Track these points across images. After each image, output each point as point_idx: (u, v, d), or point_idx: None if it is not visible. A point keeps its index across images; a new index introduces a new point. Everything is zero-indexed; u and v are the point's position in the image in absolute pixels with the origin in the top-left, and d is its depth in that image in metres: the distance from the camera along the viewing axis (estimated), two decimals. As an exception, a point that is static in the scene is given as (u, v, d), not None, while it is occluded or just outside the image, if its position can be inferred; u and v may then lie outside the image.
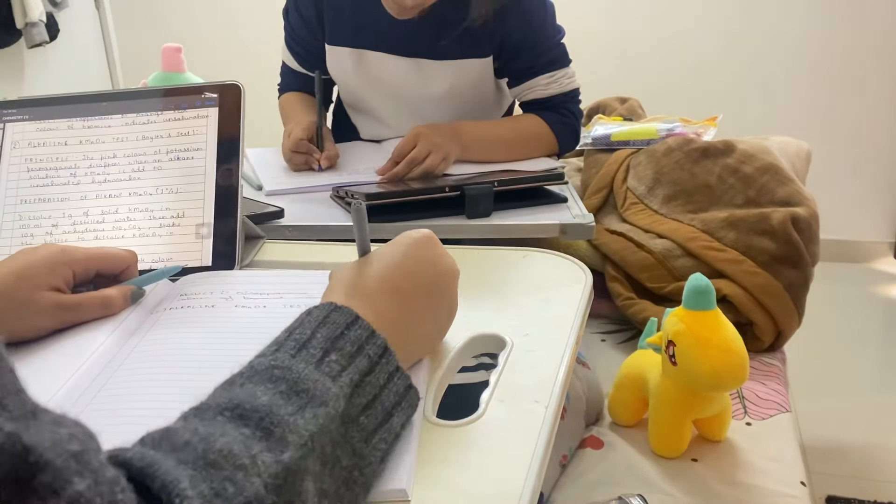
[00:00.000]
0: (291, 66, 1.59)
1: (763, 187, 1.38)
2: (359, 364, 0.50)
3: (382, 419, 0.51)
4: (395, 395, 0.52)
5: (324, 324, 0.51)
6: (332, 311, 0.53)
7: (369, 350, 0.51)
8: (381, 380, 0.51)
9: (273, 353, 0.49)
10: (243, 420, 0.42)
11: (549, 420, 0.58)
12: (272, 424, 0.42)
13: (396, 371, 0.53)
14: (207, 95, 0.90)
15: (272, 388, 0.45)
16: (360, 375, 0.50)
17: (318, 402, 0.46)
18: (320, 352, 0.49)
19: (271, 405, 0.44)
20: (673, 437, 1.00)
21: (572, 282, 0.77)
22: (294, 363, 0.48)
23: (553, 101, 1.47)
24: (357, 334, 0.52)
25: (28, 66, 2.88)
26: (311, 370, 0.48)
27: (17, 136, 0.90)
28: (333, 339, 0.51)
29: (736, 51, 2.76)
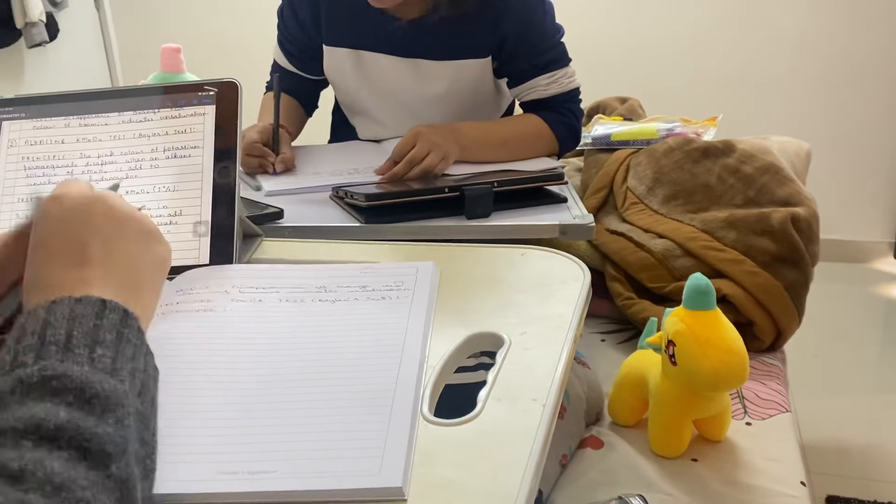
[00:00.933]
0: (282, 64, 1.59)
1: (763, 187, 1.37)
2: (125, 352, 0.48)
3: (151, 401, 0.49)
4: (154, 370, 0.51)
5: (73, 319, 0.48)
6: (75, 304, 0.49)
7: (129, 334, 0.49)
8: (147, 360, 0.50)
9: (36, 362, 0.45)
10: (53, 442, 0.40)
11: (547, 418, 0.57)
12: (84, 440, 0.41)
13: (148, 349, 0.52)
14: (205, 93, 0.90)
15: (59, 401, 0.43)
16: (130, 362, 0.48)
17: (112, 404, 0.44)
18: (86, 349, 0.47)
19: (73, 419, 0.41)
20: (673, 437, 0.99)
21: (570, 279, 0.77)
22: (66, 368, 0.45)
23: (553, 101, 1.47)
24: (111, 320, 0.49)
25: (28, 65, 2.88)
26: (87, 372, 0.45)
27: (14, 135, 0.90)
28: (92, 333, 0.48)
29: (736, 51, 2.76)
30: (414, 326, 0.67)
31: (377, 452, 0.52)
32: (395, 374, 0.60)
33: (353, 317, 0.69)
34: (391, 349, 0.64)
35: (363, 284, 0.74)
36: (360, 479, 0.50)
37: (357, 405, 0.57)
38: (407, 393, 0.58)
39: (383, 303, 0.70)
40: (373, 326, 0.67)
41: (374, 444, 0.53)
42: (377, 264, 0.79)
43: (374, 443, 0.53)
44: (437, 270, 0.77)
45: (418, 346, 0.64)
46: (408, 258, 0.85)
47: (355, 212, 1.16)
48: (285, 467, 0.51)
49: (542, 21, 1.43)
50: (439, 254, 0.83)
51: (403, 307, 0.70)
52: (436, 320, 0.69)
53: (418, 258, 0.79)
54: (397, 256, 0.85)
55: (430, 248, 0.87)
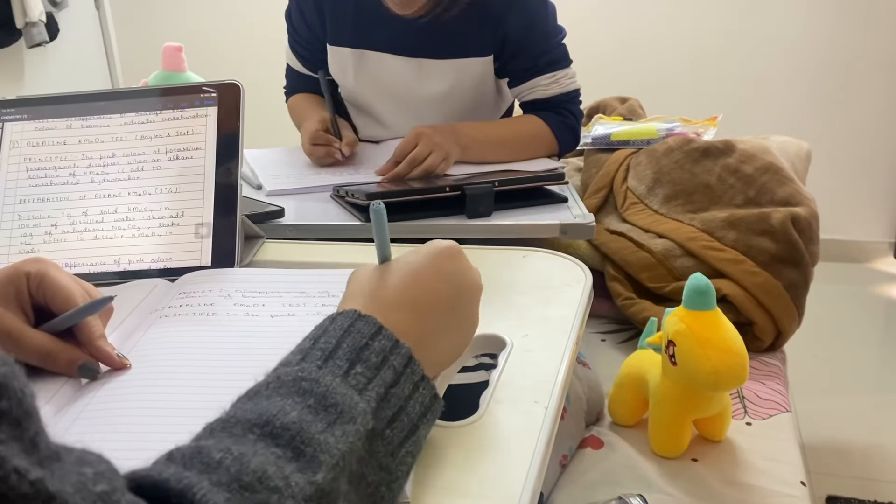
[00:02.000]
0: (296, 68, 1.59)
1: (763, 187, 1.37)
2: (384, 376, 0.49)
3: (409, 432, 0.49)
4: (420, 406, 0.50)
5: (348, 333, 0.50)
6: (357, 319, 0.51)
7: (394, 361, 0.50)
8: (406, 391, 0.50)
9: (299, 363, 0.48)
10: (274, 439, 0.42)
11: (549, 421, 0.57)
12: (303, 444, 0.42)
13: (422, 381, 0.51)
14: (207, 94, 0.90)
15: (300, 401, 0.44)
16: (386, 388, 0.49)
17: (346, 419, 0.45)
18: (346, 363, 0.48)
19: (301, 422, 0.43)
20: (673, 437, 1.00)
21: (572, 282, 0.77)
22: (321, 375, 0.47)
23: (553, 102, 1.47)
24: (381, 345, 0.50)
25: (28, 65, 2.88)
26: (338, 383, 0.47)
27: (16, 136, 0.90)
28: (358, 350, 0.49)
29: (736, 51, 2.76)
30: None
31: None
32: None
33: None
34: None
35: None
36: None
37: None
38: None
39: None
40: None
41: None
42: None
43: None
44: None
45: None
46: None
47: (356, 211, 1.16)
48: None
49: (545, 21, 1.44)
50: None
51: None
52: (437, 322, 0.69)
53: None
54: (398, 257, 0.85)
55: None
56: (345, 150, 1.38)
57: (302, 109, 1.57)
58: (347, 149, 1.39)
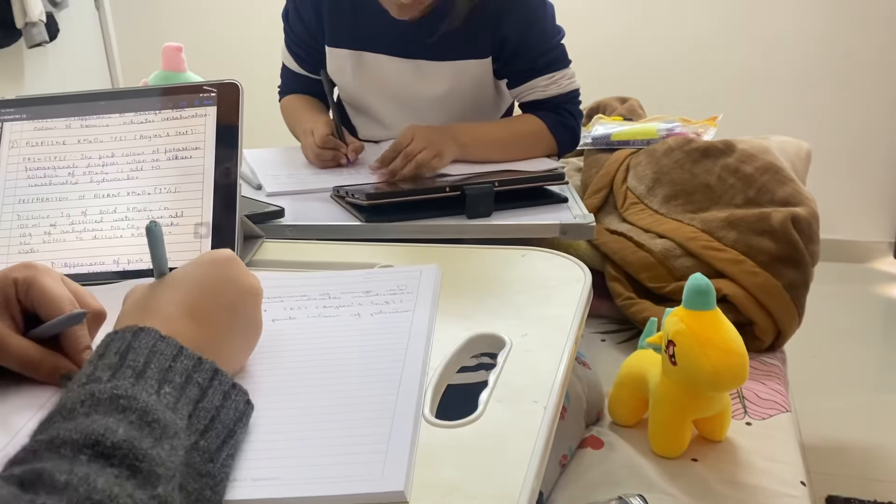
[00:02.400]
0: (292, 68, 1.59)
1: (763, 187, 1.37)
2: (189, 394, 0.50)
3: (225, 437, 0.51)
4: (234, 412, 0.52)
5: (154, 353, 0.51)
6: (158, 340, 0.52)
7: (198, 378, 0.51)
8: (216, 401, 0.52)
9: (111, 380, 0.48)
10: (107, 459, 0.42)
11: (548, 420, 0.57)
12: (137, 460, 0.42)
13: (232, 389, 0.53)
14: (206, 94, 0.90)
15: (122, 418, 0.45)
16: (193, 404, 0.50)
17: (170, 433, 0.46)
18: (156, 383, 0.49)
19: (130, 439, 0.43)
20: (673, 437, 1.00)
21: (571, 281, 0.77)
22: (136, 392, 0.47)
23: (552, 102, 1.47)
24: (184, 365, 0.51)
25: (28, 65, 2.88)
26: (154, 400, 0.47)
27: (15, 136, 0.90)
28: (164, 371, 0.50)
29: (736, 51, 2.76)
30: (417, 331, 0.67)
31: (379, 457, 0.52)
32: (398, 380, 0.60)
33: (356, 323, 0.69)
34: (394, 354, 0.64)
35: (367, 290, 0.74)
36: (362, 485, 0.50)
37: (359, 411, 0.57)
38: (409, 398, 0.58)
39: (387, 307, 0.71)
40: (376, 332, 0.67)
41: (377, 449, 0.53)
42: (380, 269, 0.79)
43: (377, 447, 0.53)
44: (440, 273, 0.77)
45: (421, 350, 0.64)
46: (409, 259, 0.85)
47: (356, 211, 1.16)
48: (288, 474, 0.51)
49: (543, 22, 1.43)
50: (440, 255, 0.83)
51: (406, 311, 0.70)
52: (437, 322, 0.69)
53: (419, 259, 0.79)
54: (398, 257, 0.85)
55: (431, 250, 0.87)
56: (351, 156, 1.39)
57: (296, 111, 1.57)
58: (354, 154, 1.40)
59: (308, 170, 1.39)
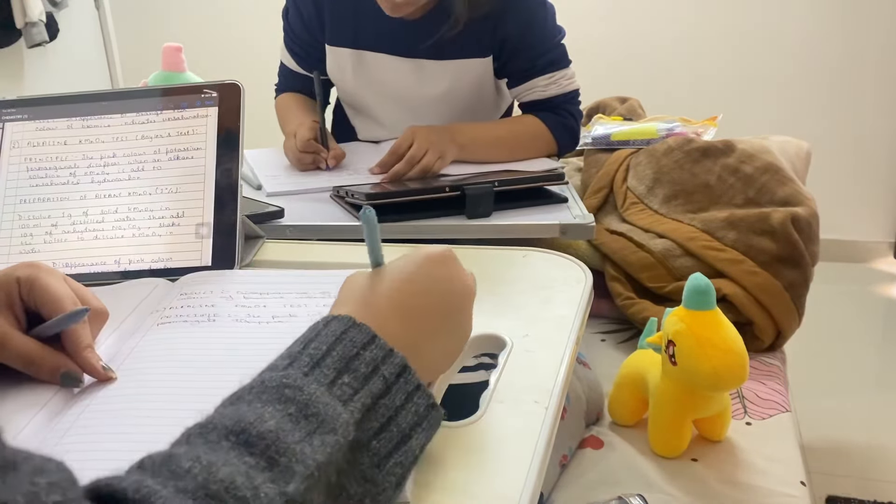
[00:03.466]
0: (290, 66, 1.59)
1: (763, 187, 1.37)
2: (372, 387, 0.48)
3: (398, 442, 0.48)
4: (413, 416, 0.50)
5: (340, 341, 0.49)
6: (350, 327, 0.50)
7: (385, 371, 0.49)
8: (397, 401, 0.49)
9: (285, 369, 0.47)
10: (248, 447, 0.41)
11: (549, 421, 0.57)
12: (277, 453, 0.41)
13: (417, 390, 0.50)
14: (207, 95, 0.90)
15: (281, 409, 0.44)
16: (373, 399, 0.48)
17: (327, 429, 0.44)
18: (334, 372, 0.48)
19: (278, 431, 0.42)
20: (673, 436, 1.00)
21: (572, 281, 0.77)
22: (306, 383, 0.46)
23: (552, 102, 1.47)
24: (373, 354, 0.49)
25: (28, 65, 2.88)
26: (322, 392, 0.46)
27: (17, 136, 0.90)
28: (348, 360, 0.49)
29: (736, 51, 2.76)
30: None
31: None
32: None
33: None
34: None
35: None
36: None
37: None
38: None
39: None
40: None
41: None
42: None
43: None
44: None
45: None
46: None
47: (356, 211, 1.16)
48: None
49: (544, 22, 1.44)
50: (441, 255, 0.83)
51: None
52: (438, 322, 0.69)
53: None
54: (399, 258, 0.85)
55: (431, 250, 0.87)
56: (331, 162, 1.38)
57: (289, 110, 1.56)
58: (333, 161, 1.38)
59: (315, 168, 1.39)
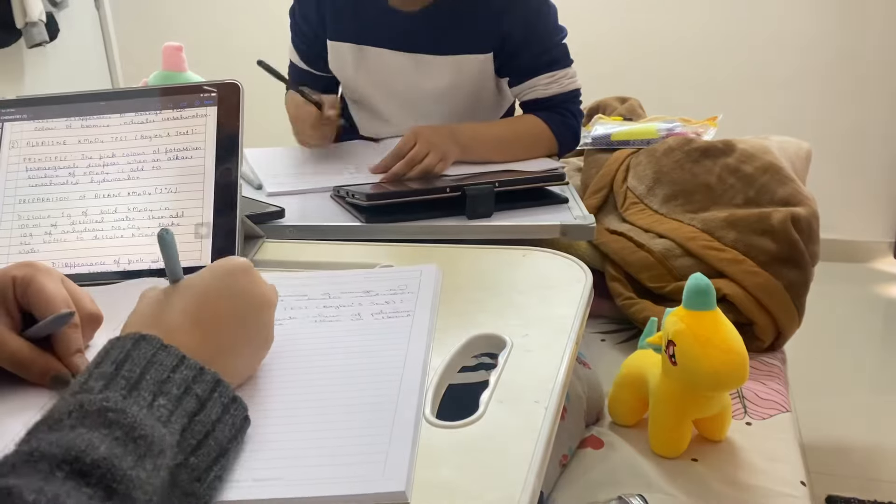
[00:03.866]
0: (298, 64, 1.60)
1: (763, 187, 1.37)
2: (186, 406, 0.49)
3: (217, 456, 0.49)
4: (231, 429, 0.51)
5: (151, 364, 0.49)
6: (159, 349, 0.51)
7: (197, 389, 0.50)
8: (213, 415, 0.50)
9: (102, 391, 0.47)
10: (84, 477, 0.40)
11: (549, 420, 0.57)
12: (114, 482, 0.41)
13: (233, 402, 0.52)
14: (206, 94, 0.90)
15: (107, 433, 0.43)
16: (189, 417, 0.49)
17: (156, 451, 0.44)
18: (150, 395, 0.48)
19: (111, 457, 0.42)
20: (673, 436, 1.00)
21: (572, 281, 0.77)
22: (127, 405, 0.46)
23: (553, 101, 1.47)
24: (184, 375, 0.50)
25: (28, 65, 2.88)
26: (144, 414, 0.46)
27: (16, 136, 0.90)
28: (161, 383, 0.49)
29: (736, 51, 2.76)
30: (417, 331, 0.67)
31: (380, 458, 0.52)
32: (399, 380, 0.60)
33: (356, 323, 0.69)
34: (394, 354, 0.64)
35: (367, 289, 0.74)
36: (363, 485, 0.50)
37: (361, 411, 0.57)
38: (410, 398, 0.58)
39: (387, 307, 0.71)
40: (376, 332, 0.67)
41: (378, 450, 0.53)
42: (380, 269, 0.79)
43: (378, 448, 0.53)
44: (440, 273, 0.77)
45: (421, 350, 0.64)
46: (409, 259, 0.85)
47: (356, 211, 1.16)
48: (290, 474, 0.52)
49: (545, 20, 1.44)
50: (441, 255, 0.83)
51: (407, 311, 0.70)
52: (437, 322, 0.69)
53: (419, 259, 0.79)
54: (399, 258, 0.85)
55: (432, 250, 0.87)
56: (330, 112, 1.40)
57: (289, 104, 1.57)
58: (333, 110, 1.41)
59: (308, 169, 1.39)
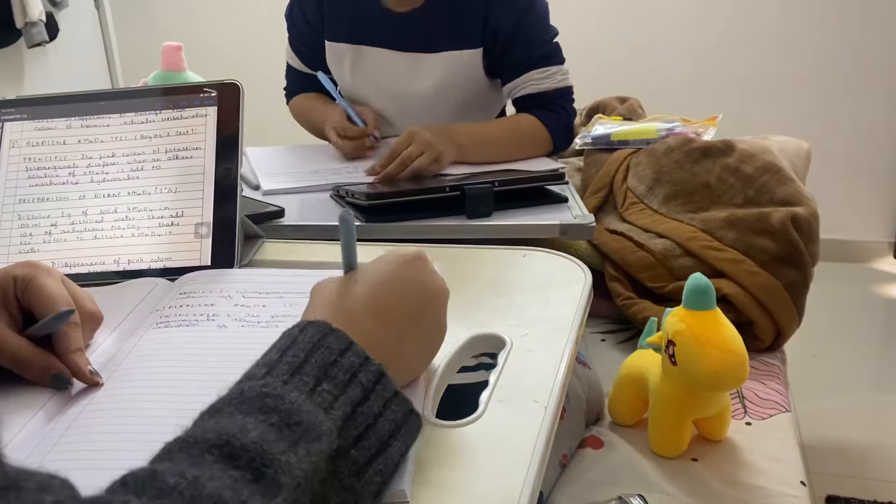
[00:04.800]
0: (297, 67, 1.59)
1: (763, 187, 1.37)
2: (351, 394, 0.48)
3: (377, 450, 0.48)
4: (391, 424, 0.49)
5: (317, 348, 0.49)
6: (327, 333, 0.50)
7: (362, 378, 0.49)
8: (375, 408, 0.49)
9: (264, 377, 0.47)
10: (233, 460, 0.40)
11: (549, 420, 0.57)
12: (263, 465, 0.41)
13: (394, 397, 0.50)
14: (206, 94, 0.90)
15: (263, 419, 0.43)
16: (353, 406, 0.47)
17: (311, 437, 0.44)
18: (313, 379, 0.47)
19: (262, 442, 0.41)
20: (673, 436, 1.00)
21: (572, 281, 0.77)
22: (286, 391, 0.45)
23: (547, 97, 1.47)
24: (350, 361, 0.49)
25: (28, 65, 2.88)
26: (303, 400, 0.45)
27: (16, 136, 0.90)
28: (327, 367, 0.48)
29: (736, 51, 2.76)
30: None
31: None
32: (398, 377, 0.60)
33: None
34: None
35: None
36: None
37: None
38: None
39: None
40: None
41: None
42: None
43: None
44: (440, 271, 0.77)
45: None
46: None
47: (356, 211, 1.16)
48: None
49: (536, 15, 1.45)
50: (440, 255, 0.83)
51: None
52: (437, 321, 0.69)
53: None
54: (398, 257, 0.85)
55: (431, 250, 0.86)
56: (376, 134, 1.42)
57: (310, 109, 1.57)
58: (377, 131, 1.42)
59: (307, 169, 1.39)
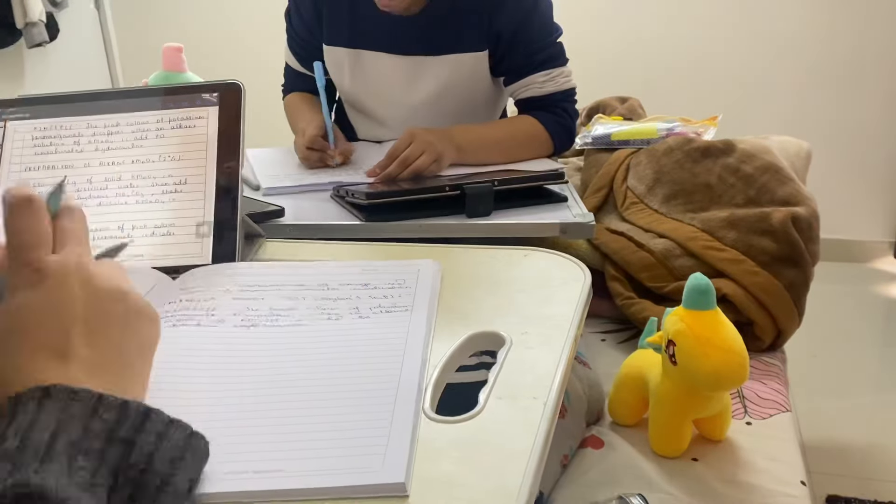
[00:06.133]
0: (294, 66, 1.60)
1: (763, 187, 1.38)
2: (109, 458, 0.43)
3: (159, 485, 0.44)
4: (171, 451, 0.45)
5: (63, 422, 0.43)
6: (69, 401, 0.44)
7: (122, 433, 0.44)
8: (146, 448, 0.44)
9: (12, 474, 0.40)
10: None
11: (548, 416, 0.58)
12: None
13: (169, 426, 0.46)
14: (208, 95, 0.90)
15: None
16: (118, 462, 0.43)
17: None
18: (66, 458, 0.42)
19: None
20: (673, 436, 1.00)
21: (571, 280, 0.77)
22: (44, 479, 0.40)
23: (549, 100, 1.47)
24: (104, 423, 0.44)
25: (28, 66, 2.88)
26: (65, 484, 0.40)
27: (18, 135, 0.90)
28: (77, 442, 0.42)
29: (736, 51, 2.76)
30: (416, 325, 0.67)
31: (380, 450, 0.52)
32: (398, 373, 0.60)
33: (355, 315, 0.69)
34: (393, 348, 0.64)
35: (365, 282, 0.74)
36: (363, 476, 0.51)
37: (360, 403, 0.57)
38: (409, 391, 0.58)
39: (385, 301, 0.71)
40: (375, 325, 0.67)
41: (377, 442, 0.53)
42: (379, 262, 0.80)
43: (377, 440, 0.53)
44: (439, 268, 0.77)
45: (420, 344, 0.64)
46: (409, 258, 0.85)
47: (356, 210, 1.16)
48: (290, 466, 0.52)
49: (540, 17, 1.44)
50: (441, 254, 0.83)
51: (405, 305, 0.70)
52: (437, 320, 0.70)
53: (420, 258, 0.80)
54: (398, 256, 0.85)
55: (432, 249, 0.87)
56: (338, 159, 1.39)
57: (297, 110, 1.57)
58: (341, 158, 1.40)
59: (306, 168, 1.40)
